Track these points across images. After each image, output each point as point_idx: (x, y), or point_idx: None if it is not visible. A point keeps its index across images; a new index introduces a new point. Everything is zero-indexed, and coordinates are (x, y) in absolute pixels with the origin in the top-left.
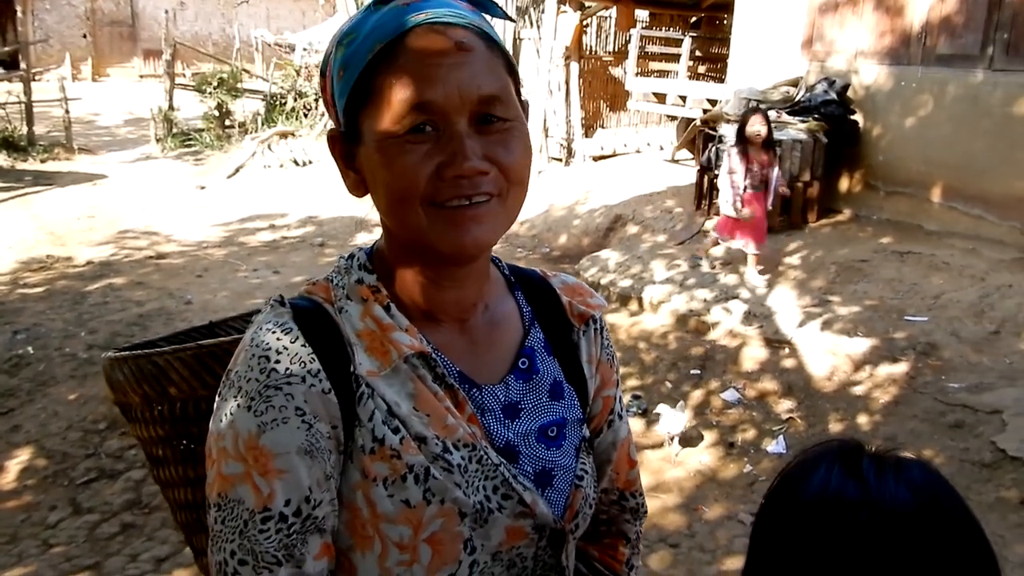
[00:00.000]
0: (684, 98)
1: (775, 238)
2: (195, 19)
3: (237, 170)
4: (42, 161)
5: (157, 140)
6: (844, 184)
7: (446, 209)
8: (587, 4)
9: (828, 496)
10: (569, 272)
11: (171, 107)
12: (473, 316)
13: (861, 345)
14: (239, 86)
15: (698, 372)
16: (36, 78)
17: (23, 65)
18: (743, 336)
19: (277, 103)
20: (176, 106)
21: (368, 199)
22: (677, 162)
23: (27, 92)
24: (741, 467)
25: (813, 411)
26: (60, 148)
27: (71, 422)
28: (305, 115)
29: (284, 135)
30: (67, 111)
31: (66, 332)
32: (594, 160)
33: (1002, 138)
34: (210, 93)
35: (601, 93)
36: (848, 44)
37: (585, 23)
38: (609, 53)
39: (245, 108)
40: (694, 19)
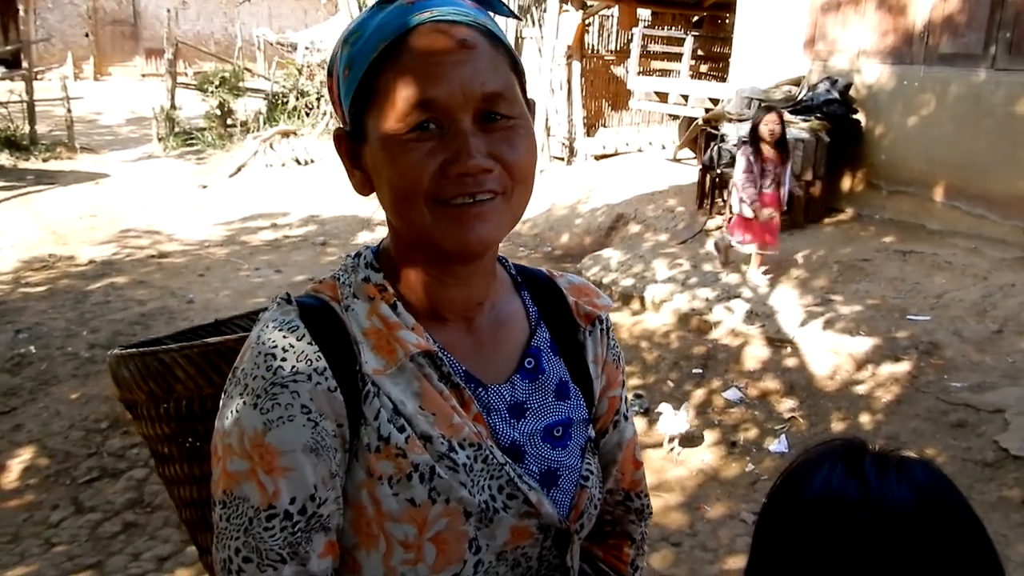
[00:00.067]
0: (686, 97)
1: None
2: (197, 18)
3: (239, 169)
4: (44, 160)
5: (159, 139)
6: (846, 183)
7: (450, 207)
8: (589, 3)
9: (830, 496)
10: (571, 271)
11: (173, 106)
12: (479, 315)
13: (863, 344)
14: (241, 85)
15: (700, 371)
16: (38, 77)
17: (25, 64)
18: (745, 335)
19: (279, 102)
20: (178, 105)
21: (374, 198)
22: (679, 161)
23: (29, 91)
24: (743, 466)
25: (815, 410)
26: (62, 147)
27: (73, 421)
28: (307, 114)
29: (286, 134)
30: (69, 110)
31: (68, 331)
32: (596, 159)
33: (1004, 137)
34: (212, 92)
35: (603, 92)
36: (850, 43)
37: (587, 22)
38: (611, 52)
39: (247, 107)
40: (696, 18)
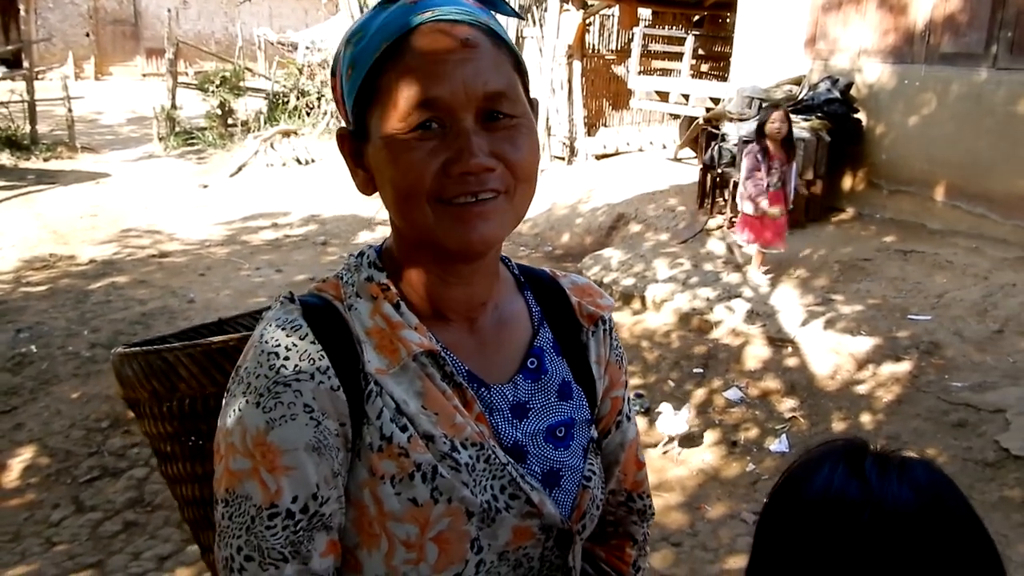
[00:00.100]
0: (687, 96)
1: None
2: (198, 18)
3: (240, 169)
4: (45, 160)
5: (160, 139)
6: (847, 183)
7: (453, 206)
8: (590, 2)
9: (831, 496)
10: (572, 271)
11: (174, 106)
12: (482, 315)
13: (864, 344)
14: (242, 85)
15: (701, 371)
16: (39, 77)
17: (26, 64)
18: (746, 335)
19: (280, 102)
20: (179, 105)
21: (376, 198)
22: (680, 161)
23: (30, 91)
24: (744, 466)
25: (816, 410)
26: (63, 147)
27: (74, 420)
28: (308, 113)
29: (287, 134)
30: (70, 110)
31: (69, 331)
32: (597, 159)
33: (1005, 137)
34: (213, 92)
35: (604, 92)
36: (851, 42)
37: (588, 21)
38: (612, 51)
39: (248, 107)
40: (697, 17)
